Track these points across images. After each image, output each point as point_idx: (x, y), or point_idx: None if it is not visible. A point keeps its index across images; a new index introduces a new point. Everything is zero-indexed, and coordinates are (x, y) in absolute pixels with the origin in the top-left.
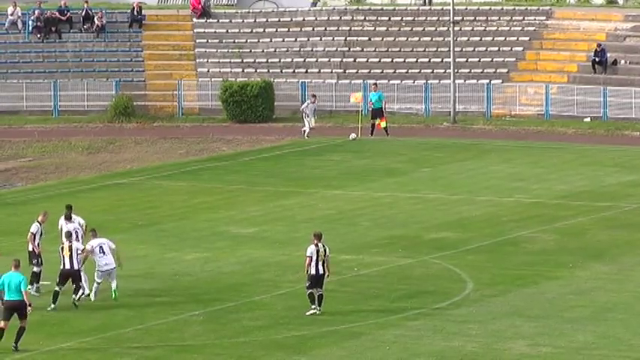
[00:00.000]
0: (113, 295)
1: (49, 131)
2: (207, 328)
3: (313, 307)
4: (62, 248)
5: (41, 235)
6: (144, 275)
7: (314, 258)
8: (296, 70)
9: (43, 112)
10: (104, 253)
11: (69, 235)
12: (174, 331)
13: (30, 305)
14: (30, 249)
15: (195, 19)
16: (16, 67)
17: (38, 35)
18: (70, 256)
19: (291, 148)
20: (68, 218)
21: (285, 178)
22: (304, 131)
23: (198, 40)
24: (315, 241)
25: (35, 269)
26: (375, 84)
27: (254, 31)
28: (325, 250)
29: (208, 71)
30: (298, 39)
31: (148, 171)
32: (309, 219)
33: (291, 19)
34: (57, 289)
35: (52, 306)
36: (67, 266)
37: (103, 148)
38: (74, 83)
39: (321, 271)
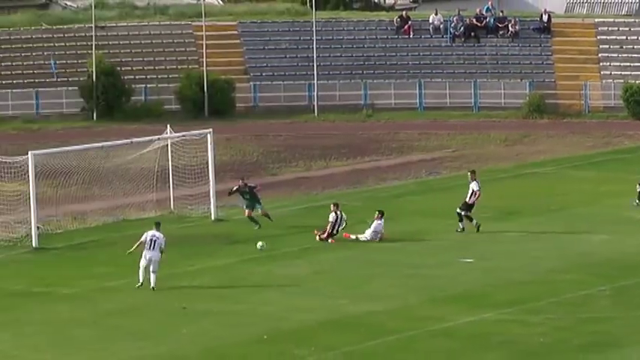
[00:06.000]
0: None
1: (469, 125)
2: (614, 301)
3: None
4: None
5: None
6: (555, 255)
7: None
8: None
9: (464, 108)
10: None
11: None
12: (583, 305)
13: None
14: None
15: (599, 28)
16: (440, 68)
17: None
18: None
19: None
20: None
21: None
22: None
23: (601, 46)
24: None
25: None
26: None
27: None
28: None
29: (611, 74)
30: None
31: (559, 162)
32: None
33: None
34: None
35: None
36: None
37: (518, 141)
38: (491, 83)
39: None
